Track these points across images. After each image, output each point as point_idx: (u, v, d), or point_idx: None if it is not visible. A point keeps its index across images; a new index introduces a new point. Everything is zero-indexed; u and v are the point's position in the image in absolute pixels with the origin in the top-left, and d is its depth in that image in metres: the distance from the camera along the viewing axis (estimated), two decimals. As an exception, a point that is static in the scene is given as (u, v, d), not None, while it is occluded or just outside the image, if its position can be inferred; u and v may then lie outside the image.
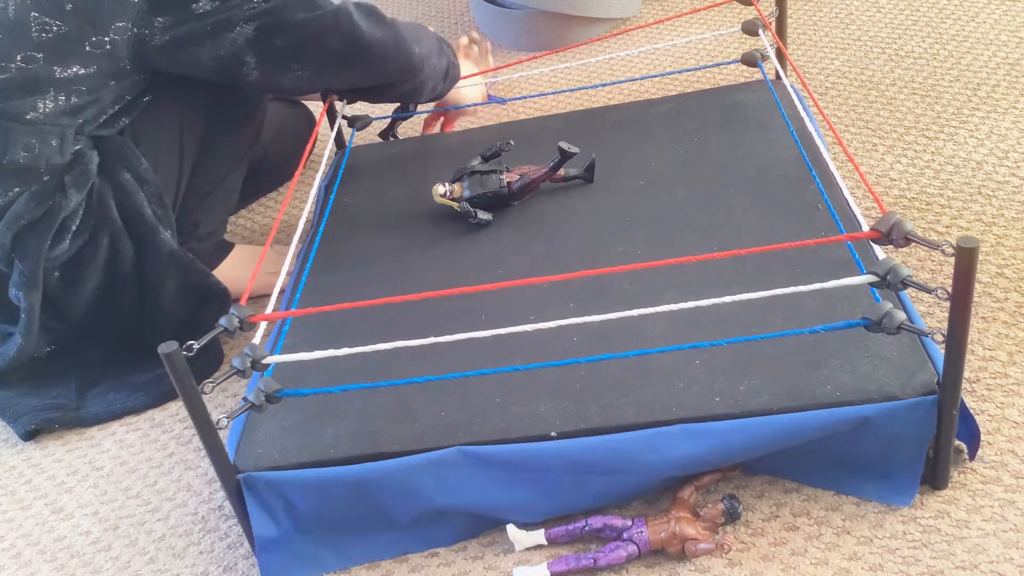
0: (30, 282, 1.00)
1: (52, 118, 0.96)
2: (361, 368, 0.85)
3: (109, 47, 0.96)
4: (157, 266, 1.04)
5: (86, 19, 0.94)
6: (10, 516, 0.95)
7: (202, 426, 0.71)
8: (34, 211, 0.98)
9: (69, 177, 0.98)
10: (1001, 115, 1.22)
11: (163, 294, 1.05)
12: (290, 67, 1.02)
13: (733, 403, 0.74)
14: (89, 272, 1.02)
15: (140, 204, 1.02)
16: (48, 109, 0.95)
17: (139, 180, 1.02)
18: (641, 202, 1.02)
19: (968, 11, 1.50)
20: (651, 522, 0.75)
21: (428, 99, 1.21)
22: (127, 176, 1.02)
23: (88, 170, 0.99)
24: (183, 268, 1.05)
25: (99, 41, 0.95)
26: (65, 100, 0.96)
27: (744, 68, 1.43)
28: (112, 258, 1.02)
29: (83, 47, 0.95)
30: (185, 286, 1.06)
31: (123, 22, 0.95)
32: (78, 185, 0.99)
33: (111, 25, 0.95)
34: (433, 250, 1.03)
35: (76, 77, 0.96)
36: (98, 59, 0.96)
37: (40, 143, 0.96)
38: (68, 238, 1.00)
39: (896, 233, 0.66)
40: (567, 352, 0.83)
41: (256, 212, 1.40)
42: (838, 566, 0.71)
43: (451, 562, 0.79)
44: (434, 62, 1.14)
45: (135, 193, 1.02)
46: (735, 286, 0.85)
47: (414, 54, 1.10)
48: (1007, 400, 0.82)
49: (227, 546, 0.86)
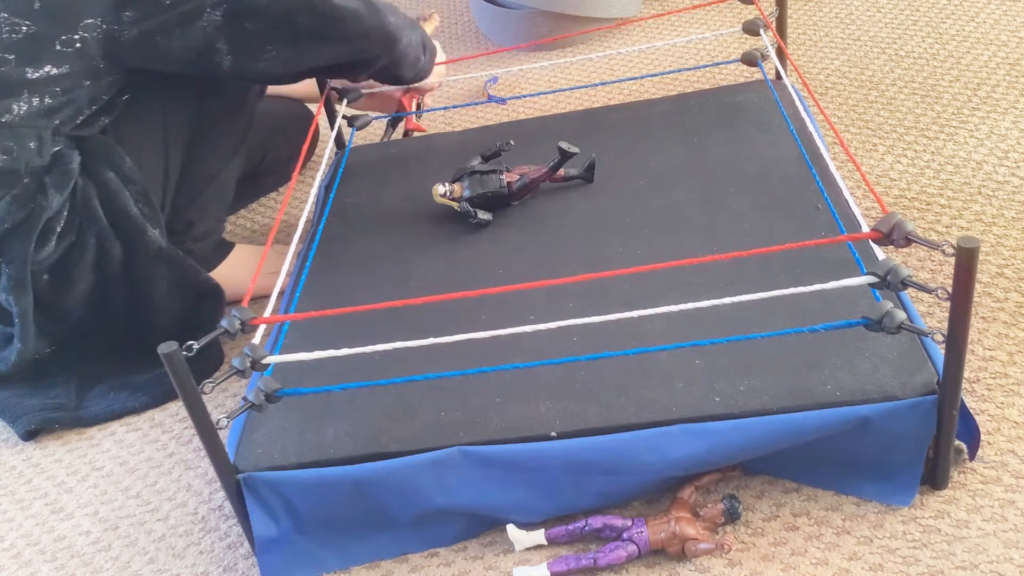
0: (18, 285, 0.99)
1: (28, 120, 0.95)
2: (361, 368, 0.85)
3: (80, 45, 0.95)
4: (146, 264, 1.03)
5: (55, 17, 0.93)
6: (10, 516, 0.95)
7: (202, 426, 0.71)
8: (16, 214, 0.97)
9: (49, 178, 0.97)
10: (1001, 115, 1.22)
11: (155, 293, 1.05)
12: (263, 49, 1.00)
13: (733, 403, 0.74)
14: (78, 273, 1.02)
15: (125, 202, 1.01)
16: (23, 111, 0.95)
17: (123, 178, 1.01)
18: (641, 202, 1.02)
19: (968, 11, 1.50)
20: (651, 522, 0.75)
21: (413, 76, 1.17)
22: (111, 175, 1.01)
23: (69, 170, 0.98)
24: (173, 266, 1.05)
25: (69, 40, 0.94)
26: (40, 102, 0.95)
27: (744, 68, 1.43)
28: (100, 258, 1.02)
29: (54, 46, 0.94)
30: (177, 284, 1.05)
31: (91, 19, 0.94)
32: (59, 186, 0.98)
33: (80, 22, 0.94)
34: (433, 250, 1.03)
35: (49, 78, 0.95)
36: (70, 58, 0.95)
37: (18, 146, 0.95)
38: (53, 240, 0.99)
39: (897, 233, 0.66)
40: (567, 352, 0.83)
41: (256, 212, 1.40)
42: (838, 566, 0.71)
43: (451, 562, 0.79)
44: (408, 34, 1.11)
45: (119, 191, 1.01)
46: (735, 286, 0.85)
47: (389, 23, 1.06)
48: (1007, 400, 0.82)
49: (227, 546, 0.86)
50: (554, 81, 1.58)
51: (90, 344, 1.09)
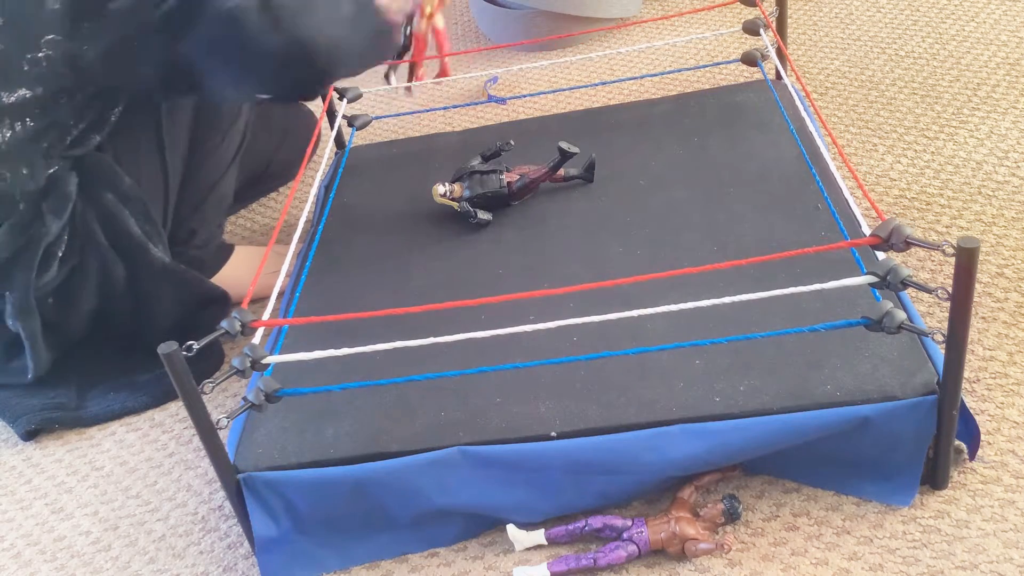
0: (24, 311, 0.99)
1: (15, 146, 0.94)
2: (361, 368, 0.85)
3: (46, 64, 0.93)
4: (151, 282, 1.03)
5: (18, 35, 0.92)
6: (10, 516, 0.95)
7: (202, 426, 0.71)
8: (15, 242, 0.96)
9: (46, 204, 0.97)
10: (1001, 115, 1.22)
11: (160, 307, 1.04)
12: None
13: (733, 403, 0.74)
14: (83, 295, 1.01)
15: (126, 223, 1.00)
16: (7, 138, 0.93)
17: (123, 198, 1.00)
18: (641, 202, 1.02)
19: (968, 11, 1.50)
20: (651, 522, 0.75)
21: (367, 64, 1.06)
22: (110, 196, 1.00)
23: (66, 194, 0.97)
24: (178, 281, 1.05)
25: (35, 59, 0.93)
26: (22, 127, 0.94)
27: (744, 68, 1.43)
28: (104, 280, 1.02)
29: (22, 67, 0.93)
30: (182, 297, 1.05)
31: (51, 34, 0.92)
32: (57, 211, 0.97)
33: (41, 39, 0.92)
34: (433, 250, 1.03)
35: (26, 101, 0.93)
36: (40, 79, 0.93)
37: (10, 172, 0.94)
38: (55, 264, 0.98)
39: (896, 238, 0.66)
40: (567, 352, 0.83)
41: (256, 212, 1.40)
42: (838, 566, 0.71)
43: (451, 562, 0.79)
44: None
45: (119, 212, 1.00)
46: (735, 286, 0.85)
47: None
48: (1007, 400, 0.82)
49: (227, 546, 0.86)
50: (554, 81, 1.58)
51: (91, 346, 1.09)
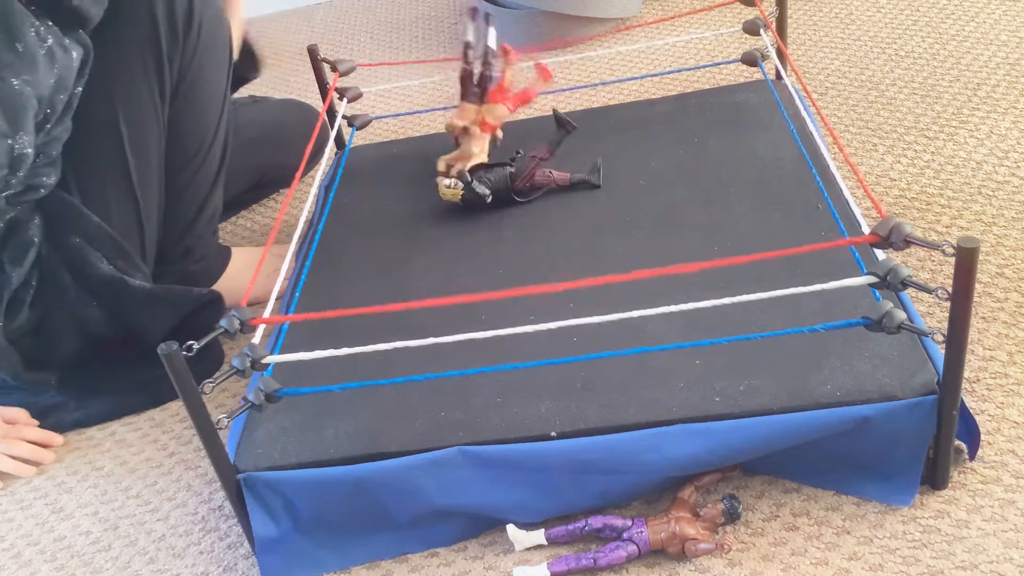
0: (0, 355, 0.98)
1: None
2: (361, 368, 0.85)
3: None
4: (137, 309, 1.01)
5: None
6: (10, 516, 0.95)
7: (202, 426, 0.71)
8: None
9: (5, 253, 0.95)
10: (1001, 115, 1.22)
11: (153, 326, 1.03)
12: None
13: (733, 403, 0.74)
14: (62, 334, 1.00)
15: (96, 265, 0.98)
16: None
17: (89, 239, 0.97)
18: (641, 202, 1.02)
19: (968, 11, 1.50)
20: (651, 522, 0.75)
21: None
22: (75, 240, 0.97)
23: (25, 241, 0.95)
24: (165, 302, 1.03)
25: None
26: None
27: (744, 67, 1.43)
28: (80, 322, 1.00)
29: None
30: (174, 311, 1.04)
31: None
32: (16, 260, 0.95)
33: None
34: (433, 250, 1.03)
35: None
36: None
37: None
38: (25, 309, 0.97)
39: (896, 236, 0.66)
40: (567, 352, 0.83)
41: (256, 212, 1.40)
42: (838, 566, 0.71)
43: (451, 562, 0.79)
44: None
45: (88, 255, 0.97)
46: (735, 286, 0.85)
47: None
48: (1007, 400, 0.82)
49: (227, 546, 0.86)
50: (554, 81, 1.58)
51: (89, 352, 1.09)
